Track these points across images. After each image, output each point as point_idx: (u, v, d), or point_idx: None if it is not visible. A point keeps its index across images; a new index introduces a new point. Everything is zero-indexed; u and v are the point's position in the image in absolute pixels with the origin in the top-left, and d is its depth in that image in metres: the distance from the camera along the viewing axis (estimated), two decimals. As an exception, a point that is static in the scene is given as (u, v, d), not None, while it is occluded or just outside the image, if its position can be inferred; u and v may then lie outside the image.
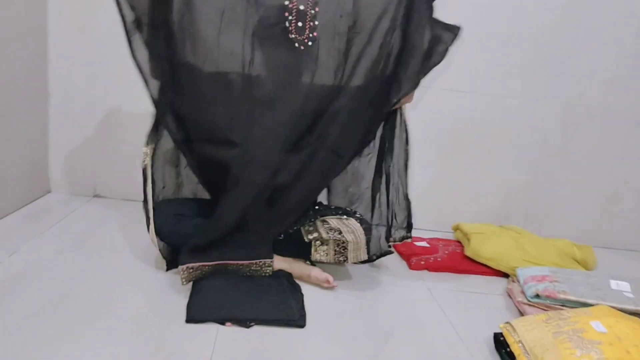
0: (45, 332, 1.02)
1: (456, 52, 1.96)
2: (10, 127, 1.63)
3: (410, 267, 1.66)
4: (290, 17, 1.28)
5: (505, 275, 1.65)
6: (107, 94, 1.88)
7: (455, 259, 1.71)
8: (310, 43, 1.29)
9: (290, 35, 1.28)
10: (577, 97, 2.07)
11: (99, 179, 1.95)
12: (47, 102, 1.86)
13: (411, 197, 2.07)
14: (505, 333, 1.13)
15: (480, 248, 1.68)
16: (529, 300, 1.35)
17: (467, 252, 1.70)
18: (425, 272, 1.63)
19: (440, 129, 2.05)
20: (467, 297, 1.49)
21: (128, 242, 1.52)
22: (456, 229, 1.94)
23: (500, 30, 1.97)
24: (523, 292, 1.40)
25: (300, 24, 1.29)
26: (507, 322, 1.16)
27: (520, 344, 1.06)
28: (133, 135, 1.91)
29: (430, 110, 2.02)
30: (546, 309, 1.30)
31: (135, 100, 1.88)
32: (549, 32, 1.99)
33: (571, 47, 2.01)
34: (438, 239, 1.89)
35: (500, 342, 1.15)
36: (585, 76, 2.04)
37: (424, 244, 1.81)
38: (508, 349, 1.10)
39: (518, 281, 1.49)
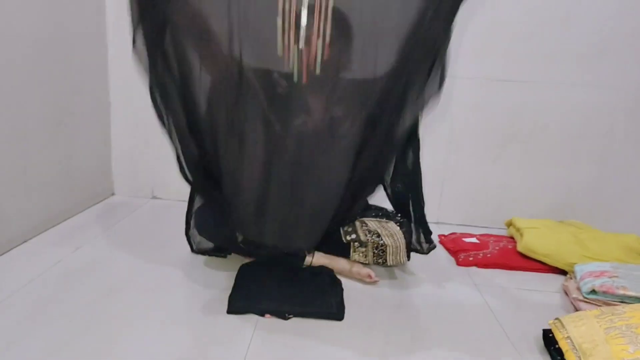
0: (101, 317, 1.12)
1: (511, 40, 1.89)
2: (76, 135, 1.79)
3: (458, 263, 1.61)
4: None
5: (562, 272, 1.55)
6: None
7: (507, 255, 1.63)
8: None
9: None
10: (647, 83, 1.91)
11: (156, 182, 2.09)
12: (109, 110, 2.01)
13: (463, 192, 2.03)
14: (553, 329, 1.07)
15: (535, 243, 1.59)
16: (584, 297, 1.26)
17: (520, 248, 1.62)
18: (473, 269, 1.58)
19: (494, 120, 1.97)
20: (518, 294, 1.42)
21: (179, 239, 1.59)
22: (509, 224, 1.85)
23: (558, 14, 1.86)
24: (579, 289, 1.32)
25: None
26: (556, 318, 1.09)
27: (569, 340, 1.00)
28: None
29: (478, 102, 1.96)
30: (603, 305, 1.21)
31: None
32: (612, 14, 1.85)
33: (637, 29, 1.86)
34: (489, 235, 1.82)
35: (549, 339, 1.09)
36: (655, 59, 1.88)
37: (473, 240, 1.75)
38: (556, 346, 1.04)
39: (575, 278, 1.40)
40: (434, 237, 1.78)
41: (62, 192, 1.71)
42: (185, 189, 2.03)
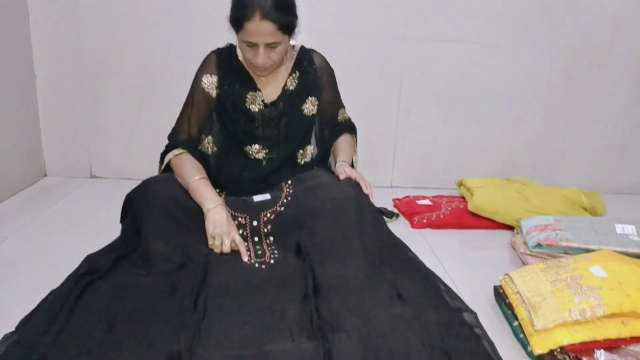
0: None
1: (457, 1, 1.87)
2: (0, 113, 1.62)
3: (413, 225, 1.63)
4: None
5: (510, 228, 1.60)
6: (94, 71, 1.85)
7: (458, 215, 1.66)
8: (272, 261, 1.21)
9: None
10: (582, 41, 1.96)
11: (94, 160, 1.95)
12: (34, 83, 1.83)
13: (414, 155, 2.04)
14: (503, 285, 1.10)
15: (483, 202, 1.63)
16: (531, 251, 1.31)
17: (470, 207, 1.65)
18: (427, 230, 1.60)
19: (440, 83, 1.98)
20: (470, 252, 1.46)
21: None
22: (460, 184, 1.89)
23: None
24: (525, 243, 1.36)
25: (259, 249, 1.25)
26: (506, 274, 1.12)
27: (518, 295, 1.02)
28: (126, 112, 1.90)
29: (428, 64, 1.94)
30: (548, 258, 1.26)
31: (124, 75, 1.86)
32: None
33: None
34: (441, 197, 1.85)
35: (500, 294, 1.12)
36: (590, 18, 1.93)
37: (426, 202, 1.76)
38: (507, 301, 1.07)
39: (521, 232, 1.44)
40: (389, 202, 1.81)
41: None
42: (128, 165, 1.93)
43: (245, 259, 1.19)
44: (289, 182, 1.36)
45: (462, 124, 2.03)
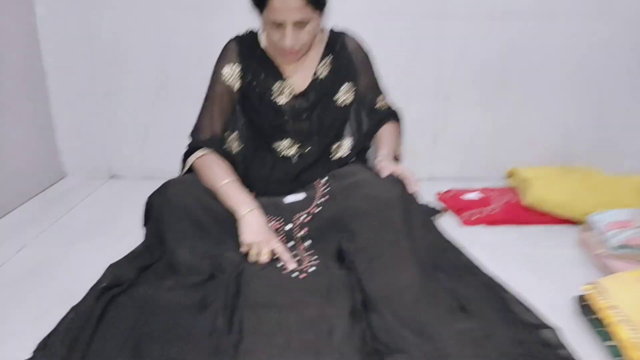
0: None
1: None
2: (10, 114, 1.52)
3: (464, 222, 1.46)
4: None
5: (571, 223, 1.42)
6: (105, 62, 1.73)
7: (514, 210, 1.49)
8: (312, 269, 1.07)
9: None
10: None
11: (112, 159, 1.84)
12: (44, 80, 1.72)
13: (455, 143, 1.87)
14: (590, 296, 0.93)
15: (545, 194, 1.45)
16: (615, 252, 1.13)
17: (529, 200, 1.47)
18: (480, 227, 1.44)
19: (484, 62, 1.79)
20: (534, 252, 1.29)
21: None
22: (511, 175, 1.71)
23: None
24: (602, 242, 1.18)
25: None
26: (593, 283, 0.95)
27: (615, 310, 0.85)
28: (139, 108, 1.78)
29: (469, 43, 1.76)
30: (634, 261, 1.08)
31: (137, 66, 1.74)
32: None
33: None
34: (490, 189, 1.67)
35: (585, 307, 0.95)
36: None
37: (474, 195, 1.59)
38: (596, 316, 0.90)
39: (594, 229, 1.26)
40: (430, 195, 1.64)
41: (-1, 181, 1.46)
42: (149, 164, 1.82)
43: (292, 266, 1.05)
44: (325, 179, 1.22)
45: (509, 107, 1.85)
